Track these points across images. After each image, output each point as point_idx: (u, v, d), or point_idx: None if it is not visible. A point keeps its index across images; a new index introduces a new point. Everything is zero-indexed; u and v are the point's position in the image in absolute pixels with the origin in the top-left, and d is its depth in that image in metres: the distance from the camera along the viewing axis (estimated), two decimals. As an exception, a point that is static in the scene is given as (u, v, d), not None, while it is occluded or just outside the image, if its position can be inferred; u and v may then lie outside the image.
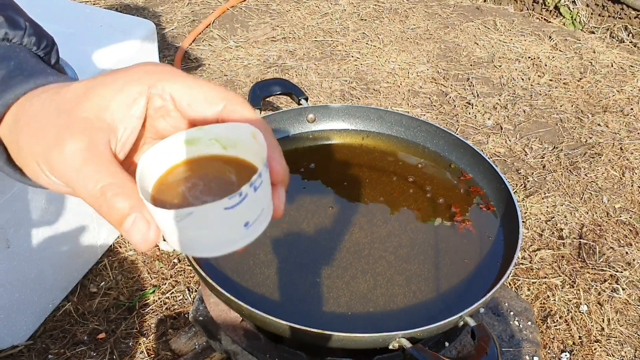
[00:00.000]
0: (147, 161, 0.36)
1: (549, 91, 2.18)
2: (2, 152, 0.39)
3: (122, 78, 0.36)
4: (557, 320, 1.42)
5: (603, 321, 1.43)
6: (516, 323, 1.17)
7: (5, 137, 0.38)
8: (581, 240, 1.62)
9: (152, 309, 1.38)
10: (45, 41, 0.43)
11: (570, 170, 1.85)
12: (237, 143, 0.37)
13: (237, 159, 0.37)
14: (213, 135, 0.37)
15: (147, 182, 0.36)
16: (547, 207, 1.71)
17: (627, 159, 1.90)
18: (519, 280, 1.51)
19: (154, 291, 1.41)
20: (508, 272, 0.77)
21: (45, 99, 0.37)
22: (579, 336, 1.40)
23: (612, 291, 1.49)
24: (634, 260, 1.58)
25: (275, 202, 0.37)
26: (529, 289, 1.49)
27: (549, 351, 1.36)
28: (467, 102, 2.10)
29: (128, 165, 0.38)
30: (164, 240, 0.36)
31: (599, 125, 2.04)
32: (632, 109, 2.11)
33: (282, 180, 0.37)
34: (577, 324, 1.42)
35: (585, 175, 1.83)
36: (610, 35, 2.52)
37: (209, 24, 2.41)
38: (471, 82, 2.20)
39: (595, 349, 1.37)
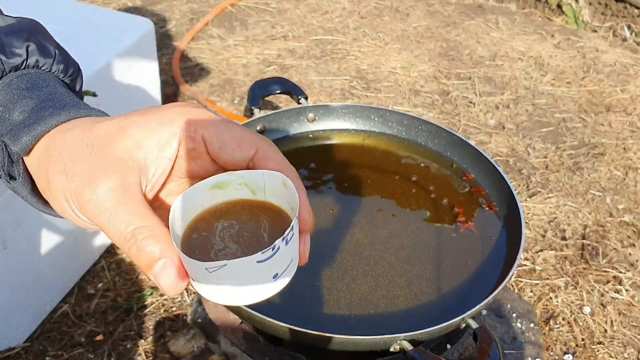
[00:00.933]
0: (179, 205, 0.36)
1: (552, 90, 2.16)
2: (28, 182, 0.39)
3: (155, 119, 0.36)
4: (560, 322, 1.41)
5: (606, 323, 1.41)
6: (519, 325, 1.16)
7: (33, 168, 0.38)
8: (584, 241, 1.61)
9: (150, 311, 1.37)
10: (72, 68, 0.44)
11: (573, 171, 1.84)
12: (266, 189, 0.37)
13: (266, 203, 0.38)
14: (243, 180, 0.37)
15: (178, 227, 0.36)
16: (550, 207, 1.70)
17: (631, 159, 1.88)
18: (522, 281, 1.49)
19: (152, 293, 1.40)
20: (510, 273, 0.76)
21: (76, 134, 0.37)
22: (582, 338, 1.38)
23: (615, 292, 1.48)
24: (637, 261, 1.56)
25: (301, 250, 0.37)
26: (531, 291, 1.47)
27: (551, 353, 1.35)
28: (469, 102, 2.09)
29: (155, 203, 0.39)
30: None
31: (602, 124, 2.02)
32: (635, 108, 2.10)
33: (309, 228, 0.37)
34: (580, 325, 1.41)
35: (588, 175, 1.82)
36: (613, 34, 2.50)
37: (208, 22, 2.40)
38: (473, 81, 2.18)
39: (598, 351, 1.36)
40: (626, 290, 1.48)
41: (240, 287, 0.34)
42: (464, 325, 0.72)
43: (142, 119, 0.36)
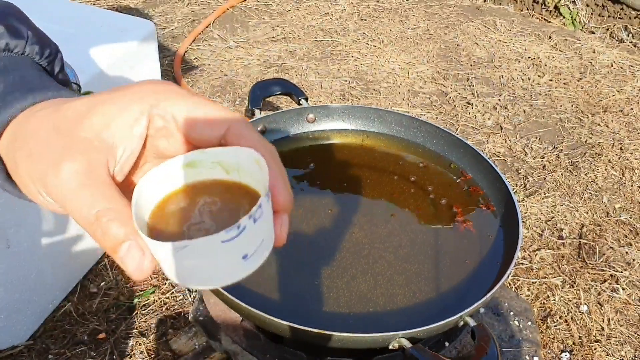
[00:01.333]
0: (145, 185, 0.35)
1: (549, 91, 2.18)
2: (2, 169, 0.38)
3: (124, 97, 0.35)
4: (557, 320, 1.42)
5: (603, 321, 1.43)
6: (516, 323, 1.17)
7: (4, 154, 0.37)
8: (581, 240, 1.62)
9: (152, 309, 1.38)
10: (48, 50, 0.42)
11: (570, 170, 1.85)
12: (239, 167, 0.36)
13: (239, 184, 0.36)
14: (215, 158, 0.36)
15: (145, 209, 0.35)
16: (547, 207, 1.71)
17: (627, 159, 1.90)
18: (519, 280, 1.51)
19: (154, 291, 1.41)
20: (508, 272, 0.77)
21: (43, 116, 0.35)
22: (579, 336, 1.40)
23: (612, 291, 1.49)
24: (633, 260, 1.58)
25: (277, 231, 0.36)
26: (529, 289, 1.49)
27: (549, 351, 1.36)
28: (467, 102, 2.10)
29: (127, 185, 0.37)
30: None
31: (599, 125, 2.04)
32: (632, 109, 2.11)
33: (284, 207, 0.35)
34: (577, 323, 1.42)
35: (585, 175, 1.83)
36: (610, 35, 2.52)
37: (209, 24, 2.41)
38: (471, 82, 2.19)
39: (595, 349, 1.37)
40: (623, 289, 1.49)
41: (208, 269, 0.32)
42: (462, 323, 0.73)
43: (110, 97, 0.35)
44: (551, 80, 2.24)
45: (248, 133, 0.36)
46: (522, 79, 2.23)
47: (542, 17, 2.64)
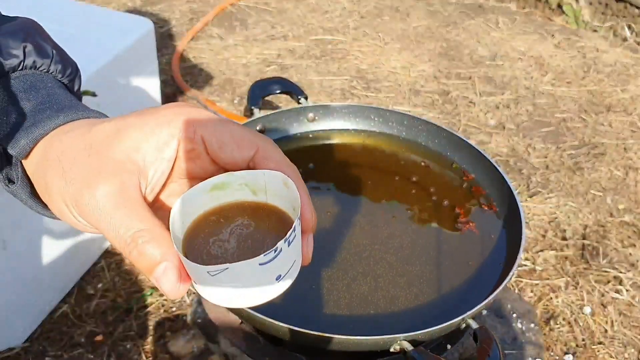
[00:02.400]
0: (179, 208, 0.36)
1: (552, 90, 2.16)
2: (27, 185, 0.39)
3: (153, 120, 0.36)
4: (560, 322, 1.41)
5: (606, 323, 1.41)
6: (519, 325, 1.15)
7: (32, 172, 0.38)
8: (584, 241, 1.61)
9: (150, 311, 1.36)
10: (70, 68, 0.43)
11: (573, 171, 1.83)
12: (267, 189, 0.37)
13: (267, 205, 0.37)
14: (243, 180, 0.37)
15: (179, 230, 0.36)
16: (550, 207, 1.70)
17: (631, 159, 1.88)
18: (522, 281, 1.49)
19: (151, 293, 1.40)
20: (511, 273, 0.76)
21: (75, 137, 0.36)
22: (583, 338, 1.38)
23: (615, 292, 1.48)
24: (637, 261, 1.56)
25: (304, 251, 0.37)
26: (531, 291, 1.47)
27: (552, 353, 1.35)
28: (469, 101, 2.09)
29: (153, 203, 0.38)
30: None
31: (602, 124, 2.02)
32: (635, 108, 2.10)
33: (311, 228, 0.37)
34: (580, 326, 1.41)
35: (589, 175, 1.82)
36: (613, 34, 2.50)
37: (208, 22, 2.40)
38: (473, 81, 2.18)
39: (598, 351, 1.35)
40: (627, 291, 1.48)
41: (243, 290, 0.34)
42: (464, 325, 0.72)
43: (139, 120, 0.36)
44: (554, 79, 2.22)
45: (275, 155, 0.37)
46: (525, 78, 2.22)
47: (544, 16, 2.63)
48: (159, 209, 0.38)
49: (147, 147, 0.35)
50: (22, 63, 0.40)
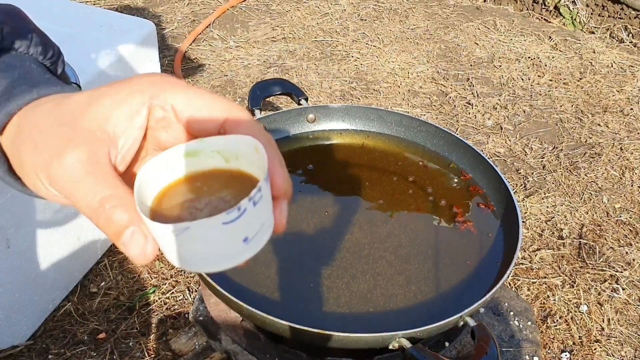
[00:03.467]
0: (146, 173, 0.35)
1: (549, 91, 2.18)
2: (4, 162, 0.39)
3: (124, 89, 0.36)
4: (557, 320, 1.42)
5: (603, 321, 1.43)
6: (516, 323, 1.17)
7: (7, 147, 0.38)
8: (581, 240, 1.62)
9: (153, 309, 1.38)
10: (51, 51, 0.43)
11: (570, 170, 1.85)
12: (239, 155, 0.36)
13: (239, 171, 0.37)
14: (215, 147, 0.36)
15: (147, 195, 0.35)
16: (547, 207, 1.71)
17: (627, 159, 1.90)
18: (519, 280, 1.51)
19: (154, 291, 1.41)
20: (508, 272, 0.77)
21: (47, 109, 0.36)
22: (579, 336, 1.40)
23: (612, 291, 1.49)
24: (633, 260, 1.58)
25: (277, 216, 0.36)
26: (528, 289, 1.49)
27: (549, 351, 1.36)
28: (467, 102, 2.10)
29: (129, 176, 0.37)
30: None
31: (599, 125, 2.04)
32: (632, 109, 2.11)
33: (283, 193, 0.36)
34: (577, 323, 1.42)
35: (585, 175, 1.83)
36: (610, 35, 2.52)
37: (209, 24, 2.41)
38: (471, 82, 2.20)
39: (595, 349, 1.37)
40: (623, 289, 1.50)
41: (209, 252, 0.33)
42: (462, 323, 0.73)
43: (111, 89, 0.36)
44: (551, 80, 2.24)
45: (246, 121, 0.36)
46: (522, 79, 2.23)
47: (542, 17, 2.64)
48: (133, 181, 0.37)
49: (118, 116, 0.35)
50: (0, 44, 0.41)
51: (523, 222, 1.65)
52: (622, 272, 1.54)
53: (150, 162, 0.36)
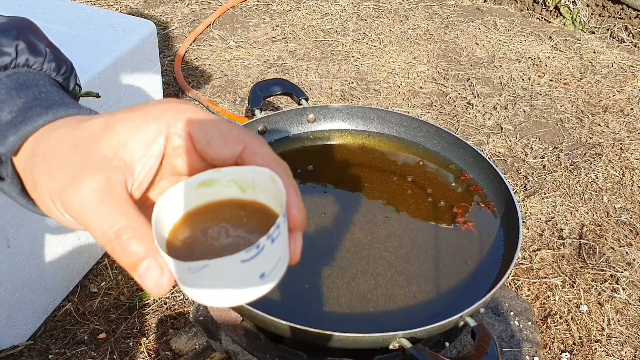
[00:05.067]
0: (163, 205, 0.35)
1: (549, 91, 2.18)
2: (17, 183, 0.39)
3: (141, 116, 0.36)
4: (557, 320, 1.42)
5: (603, 321, 1.43)
6: (516, 323, 1.17)
7: (21, 169, 0.38)
8: (581, 240, 1.62)
9: (153, 309, 1.38)
10: (64, 67, 0.43)
11: (570, 171, 1.85)
12: (255, 186, 0.36)
13: (255, 202, 0.36)
14: (231, 177, 0.36)
15: (164, 226, 0.35)
16: (547, 207, 1.72)
17: (628, 159, 1.90)
18: (519, 280, 1.51)
19: (154, 291, 1.41)
20: (508, 272, 0.77)
21: (62, 133, 0.36)
22: (579, 336, 1.40)
23: (612, 291, 1.49)
24: (634, 260, 1.58)
25: (292, 249, 0.36)
26: (529, 289, 1.49)
27: (549, 351, 1.36)
28: (467, 102, 2.10)
29: (143, 201, 0.37)
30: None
31: (599, 125, 2.04)
32: (632, 109, 2.11)
33: (299, 225, 0.36)
34: (577, 324, 1.42)
35: (586, 175, 1.83)
36: (610, 36, 2.52)
37: (209, 24, 2.41)
38: (471, 82, 2.20)
39: (595, 349, 1.37)
40: (623, 289, 1.50)
41: (226, 288, 0.33)
42: (462, 323, 0.73)
43: (127, 116, 0.35)
44: (551, 80, 2.24)
45: (263, 151, 0.36)
46: (523, 79, 2.23)
47: (542, 17, 2.64)
48: (147, 207, 0.37)
49: (134, 143, 0.35)
50: (15, 61, 0.40)
51: (523, 222, 1.65)
52: (622, 272, 1.54)
53: (167, 193, 0.35)
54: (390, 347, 0.71)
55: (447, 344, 0.84)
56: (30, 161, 0.36)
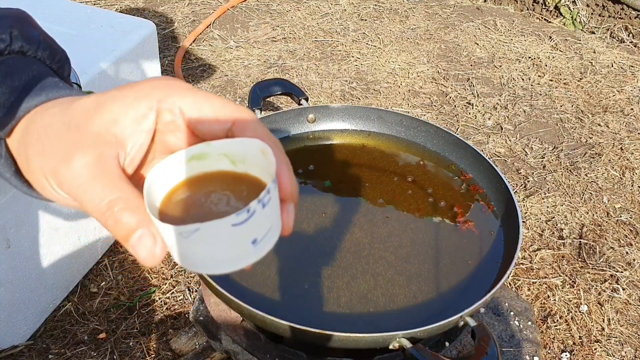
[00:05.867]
0: (155, 176, 0.36)
1: (549, 91, 2.18)
2: (11, 164, 0.39)
3: (132, 93, 0.36)
4: (557, 320, 1.42)
5: (603, 321, 1.43)
6: (516, 323, 1.17)
7: (15, 149, 0.38)
8: (581, 240, 1.62)
9: (153, 309, 1.38)
10: (58, 55, 0.44)
11: (570, 170, 1.85)
12: (246, 159, 0.36)
13: (246, 175, 0.37)
14: (222, 150, 0.37)
15: (155, 198, 0.36)
16: (547, 207, 1.72)
17: (627, 159, 1.90)
18: (519, 280, 1.51)
19: (154, 291, 1.41)
20: (508, 272, 0.77)
21: (55, 113, 0.36)
22: (579, 336, 1.40)
23: (612, 291, 1.49)
24: (634, 260, 1.58)
25: (284, 219, 0.36)
26: (529, 289, 1.49)
27: (549, 351, 1.36)
28: (467, 102, 2.10)
29: (137, 179, 0.38)
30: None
31: (599, 125, 2.04)
32: (632, 109, 2.11)
33: (291, 196, 0.36)
34: (577, 324, 1.42)
35: (586, 175, 1.83)
36: (610, 36, 2.52)
37: (210, 24, 2.41)
38: (471, 82, 2.20)
39: (595, 349, 1.37)
40: (623, 289, 1.50)
41: (217, 253, 0.33)
42: (462, 323, 0.73)
43: (118, 94, 0.36)
44: (551, 80, 2.24)
45: (253, 125, 0.37)
46: (523, 79, 2.23)
47: (542, 17, 2.64)
48: (141, 185, 0.37)
49: (126, 120, 0.35)
50: (9, 47, 0.41)
51: (523, 222, 1.65)
52: (622, 272, 1.54)
53: (159, 165, 0.36)
54: (390, 347, 0.71)
55: (447, 344, 0.84)
56: (24, 141, 0.37)
